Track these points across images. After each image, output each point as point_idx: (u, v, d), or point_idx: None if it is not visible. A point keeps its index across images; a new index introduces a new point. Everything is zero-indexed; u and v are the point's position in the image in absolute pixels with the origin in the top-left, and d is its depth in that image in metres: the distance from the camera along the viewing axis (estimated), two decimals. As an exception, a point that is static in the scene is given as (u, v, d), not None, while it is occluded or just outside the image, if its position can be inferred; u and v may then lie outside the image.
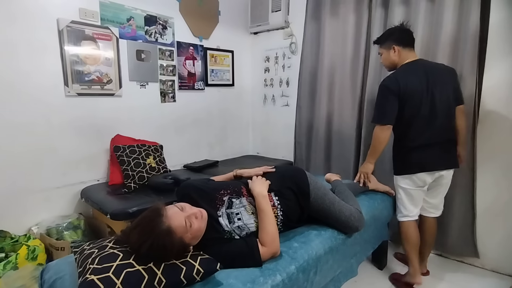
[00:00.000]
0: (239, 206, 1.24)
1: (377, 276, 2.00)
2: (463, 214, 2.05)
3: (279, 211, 1.29)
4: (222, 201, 1.24)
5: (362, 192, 1.89)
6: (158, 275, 0.90)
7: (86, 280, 0.84)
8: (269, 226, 1.16)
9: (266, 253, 1.11)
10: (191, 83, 2.89)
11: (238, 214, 1.21)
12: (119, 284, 0.84)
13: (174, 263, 0.96)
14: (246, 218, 1.20)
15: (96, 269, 0.88)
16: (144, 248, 0.91)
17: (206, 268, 0.97)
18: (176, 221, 0.97)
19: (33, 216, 2.03)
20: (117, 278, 0.85)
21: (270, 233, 1.14)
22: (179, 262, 0.96)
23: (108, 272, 0.86)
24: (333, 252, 1.34)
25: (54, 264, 1.16)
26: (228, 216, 1.19)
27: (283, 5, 2.93)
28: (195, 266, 0.96)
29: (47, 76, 2.02)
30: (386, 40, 1.83)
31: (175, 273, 0.93)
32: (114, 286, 0.84)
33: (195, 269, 0.96)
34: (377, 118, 1.73)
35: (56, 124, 2.09)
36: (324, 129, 2.73)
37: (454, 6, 1.96)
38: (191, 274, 0.94)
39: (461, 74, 1.95)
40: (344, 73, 2.57)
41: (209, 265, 0.99)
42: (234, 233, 1.17)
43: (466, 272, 2.05)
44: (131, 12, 2.40)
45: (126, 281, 0.85)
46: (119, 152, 2.24)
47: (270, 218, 1.18)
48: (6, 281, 1.54)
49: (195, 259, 0.99)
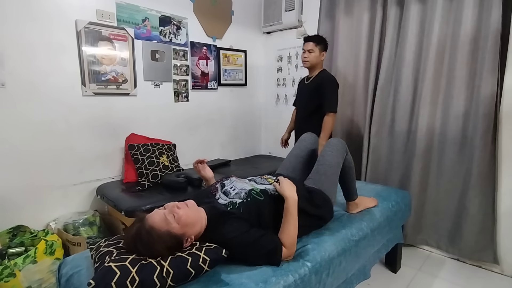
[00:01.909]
0: (229, 182, 1.35)
1: (390, 279, 1.96)
2: (482, 217, 1.98)
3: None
4: (216, 188, 1.34)
5: (376, 193, 1.85)
6: (165, 267, 0.95)
7: (104, 265, 0.92)
8: (293, 230, 1.17)
9: (284, 254, 1.12)
10: (204, 82, 2.92)
11: (231, 187, 1.30)
12: (134, 272, 0.90)
13: (180, 255, 1.00)
14: (239, 185, 1.30)
15: (114, 259, 0.95)
16: (136, 249, 1.00)
17: (212, 256, 1.00)
18: (155, 218, 1.04)
19: (51, 212, 2.09)
20: (132, 267, 0.92)
21: (292, 236, 1.16)
22: (185, 254, 1.00)
23: (125, 262, 0.93)
24: (346, 254, 1.32)
25: (71, 259, 1.19)
26: (225, 194, 1.28)
27: (296, 4, 2.92)
28: (200, 256, 0.99)
29: (65, 76, 2.07)
30: (322, 43, 2.20)
31: (181, 263, 0.97)
32: (129, 273, 0.90)
33: (201, 258, 0.98)
34: (335, 107, 2.16)
35: (73, 123, 2.14)
36: (336, 129, 2.70)
37: (474, 3, 1.90)
38: (197, 264, 0.97)
39: (481, 73, 1.89)
40: (357, 73, 2.54)
41: (215, 253, 1.02)
42: (234, 200, 1.22)
43: (484, 278, 1.98)
44: (146, 13, 2.43)
45: (140, 270, 0.92)
46: (133, 151, 2.28)
47: (295, 222, 1.19)
48: (26, 274, 1.59)
49: (200, 250, 1.02)
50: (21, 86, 1.90)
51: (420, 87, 2.17)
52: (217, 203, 1.24)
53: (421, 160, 2.19)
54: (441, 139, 2.13)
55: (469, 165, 1.99)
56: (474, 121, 1.95)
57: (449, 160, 2.10)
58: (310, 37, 2.22)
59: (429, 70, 2.11)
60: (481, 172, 1.94)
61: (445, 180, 2.13)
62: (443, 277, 1.98)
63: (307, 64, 2.24)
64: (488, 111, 1.88)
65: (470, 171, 1.98)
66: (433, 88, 2.12)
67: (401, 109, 2.27)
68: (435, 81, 2.11)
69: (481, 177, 1.94)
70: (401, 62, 2.24)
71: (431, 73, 2.10)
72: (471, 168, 1.97)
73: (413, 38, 2.17)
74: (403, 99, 2.25)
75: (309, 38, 2.22)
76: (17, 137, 1.91)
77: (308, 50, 2.19)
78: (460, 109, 2.03)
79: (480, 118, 1.91)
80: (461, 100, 2.02)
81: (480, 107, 1.91)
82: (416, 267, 2.08)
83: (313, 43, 2.18)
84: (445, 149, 2.11)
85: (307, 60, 2.22)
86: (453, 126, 2.06)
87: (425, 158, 2.19)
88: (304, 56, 2.22)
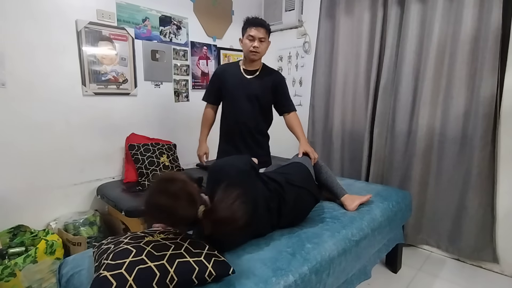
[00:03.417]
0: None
1: (390, 279, 1.96)
2: (481, 217, 1.98)
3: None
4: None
5: (377, 193, 1.85)
6: (171, 273, 0.91)
7: (100, 276, 0.87)
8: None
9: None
10: (205, 82, 2.91)
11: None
12: (131, 281, 0.86)
13: (187, 261, 0.95)
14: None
15: (110, 265, 0.90)
16: (158, 204, 1.00)
17: (219, 272, 0.97)
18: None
19: (51, 212, 2.09)
20: (129, 275, 0.87)
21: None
22: (193, 261, 0.96)
23: (121, 269, 0.88)
24: (346, 254, 1.32)
25: (71, 259, 1.19)
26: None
27: (296, 4, 2.92)
28: (207, 268, 0.96)
29: (66, 76, 2.07)
30: (270, 32, 1.83)
31: (187, 272, 0.93)
32: (126, 282, 0.85)
33: (208, 271, 0.95)
34: (293, 106, 2.00)
35: (74, 123, 2.14)
36: (338, 129, 2.70)
37: (474, 2, 1.90)
38: (203, 276, 0.94)
39: (482, 73, 1.89)
40: (358, 73, 2.54)
41: (222, 269, 0.98)
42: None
43: (484, 277, 1.98)
44: (146, 12, 2.43)
45: (138, 278, 0.87)
46: (133, 151, 2.28)
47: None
48: (26, 274, 1.59)
49: (209, 260, 0.98)
50: (21, 86, 1.90)
51: (420, 87, 2.17)
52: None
53: (421, 160, 2.19)
54: (441, 139, 2.13)
55: (469, 165, 1.99)
56: (474, 121, 1.95)
57: (449, 160, 2.10)
58: (261, 22, 1.76)
59: (429, 70, 2.10)
60: (481, 172, 1.93)
61: (445, 180, 2.13)
62: (444, 277, 1.98)
63: (257, 56, 1.81)
64: (488, 111, 1.88)
65: (470, 171, 1.99)
66: (433, 88, 2.12)
67: (402, 109, 2.27)
68: (435, 81, 2.11)
69: (481, 177, 1.94)
70: (401, 61, 2.24)
71: (431, 73, 2.10)
72: (471, 168, 1.97)
73: (413, 37, 2.17)
74: (404, 99, 2.25)
75: (260, 22, 1.76)
76: (17, 137, 1.91)
77: (260, 38, 1.75)
78: (460, 109, 2.03)
79: (480, 118, 1.91)
80: (461, 100, 2.02)
81: (480, 107, 1.91)
82: (417, 267, 2.08)
83: (265, 31, 1.76)
84: (445, 149, 2.11)
85: (257, 51, 1.77)
86: (453, 126, 2.06)
87: (425, 158, 2.19)
88: (255, 45, 1.74)
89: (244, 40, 1.80)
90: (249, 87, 1.88)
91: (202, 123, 2.06)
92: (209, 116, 2.05)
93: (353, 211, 1.61)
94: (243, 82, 1.89)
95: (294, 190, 1.37)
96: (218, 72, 1.97)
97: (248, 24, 1.78)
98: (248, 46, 1.77)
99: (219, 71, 1.98)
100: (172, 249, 0.98)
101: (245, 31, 1.79)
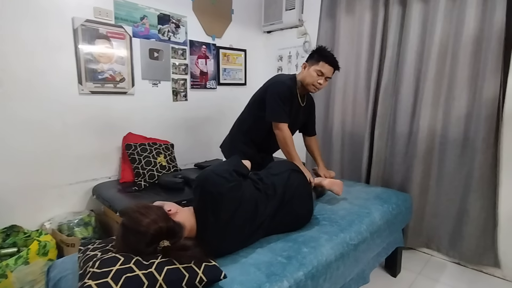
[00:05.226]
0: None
1: (390, 284, 1.93)
2: (483, 220, 1.95)
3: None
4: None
5: (377, 196, 1.82)
6: (159, 282, 0.87)
7: (84, 286, 0.82)
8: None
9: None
10: (203, 82, 2.89)
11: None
12: None
13: (177, 268, 0.92)
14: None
15: (95, 273, 0.85)
16: (128, 240, 0.97)
17: (210, 277, 0.94)
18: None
19: (46, 212, 2.07)
20: (115, 284, 0.82)
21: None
22: (182, 267, 0.92)
23: (107, 278, 0.84)
24: (344, 258, 1.29)
25: (60, 262, 1.16)
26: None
27: (297, 3, 2.88)
28: (198, 274, 0.92)
29: (62, 74, 2.05)
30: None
31: (177, 280, 0.89)
32: None
33: (198, 278, 0.92)
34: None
35: (69, 122, 2.11)
36: (338, 130, 2.67)
37: (477, 2, 1.86)
38: (193, 283, 0.91)
39: (484, 74, 1.85)
40: (358, 73, 2.50)
41: (213, 274, 0.95)
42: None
43: (485, 282, 1.94)
44: (144, 11, 2.40)
45: (125, 286, 0.83)
46: (130, 150, 2.26)
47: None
48: (17, 275, 1.57)
49: (199, 266, 0.95)
50: (17, 84, 1.88)
51: (421, 88, 2.13)
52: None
53: (422, 162, 2.15)
54: (442, 141, 2.09)
55: (471, 168, 1.95)
56: (476, 123, 1.92)
57: (450, 162, 2.06)
58: (337, 62, 1.73)
59: (431, 70, 2.07)
60: (482, 175, 1.90)
61: (446, 183, 2.10)
62: (444, 281, 1.94)
63: (316, 92, 1.79)
64: (491, 113, 1.84)
65: (471, 173, 1.95)
66: (434, 89, 2.08)
67: (402, 110, 2.23)
68: (436, 82, 2.07)
69: (482, 180, 1.90)
70: (402, 62, 2.20)
71: (433, 74, 2.07)
72: (473, 171, 1.94)
73: (415, 38, 2.14)
74: (405, 99, 2.21)
75: (336, 63, 1.73)
76: (12, 136, 1.88)
77: (327, 77, 1.73)
78: (462, 110, 1.99)
79: (482, 120, 1.87)
80: (463, 102, 1.98)
81: (482, 109, 1.87)
82: (416, 271, 2.05)
83: (334, 71, 1.75)
84: (446, 151, 2.07)
85: (320, 88, 1.76)
86: (455, 127, 2.02)
87: (426, 160, 2.15)
88: (320, 82, 1.71)
89: (311, 71, 1.71)
90: (300, 115, 1.87)
91: (290, 147, 1.74)
92: (291, 136, 1.81)
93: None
94: (298, 109, 1.84)
95: (281, 177, 1.41)
96: (289, 94, 1.76)
97: (323, 58, 1.69)
98: (314, 79, 1.71)
99: (289, 94, 1.76)
100: (161, 257, 0.95)
101: (316, 63, 1.70)
